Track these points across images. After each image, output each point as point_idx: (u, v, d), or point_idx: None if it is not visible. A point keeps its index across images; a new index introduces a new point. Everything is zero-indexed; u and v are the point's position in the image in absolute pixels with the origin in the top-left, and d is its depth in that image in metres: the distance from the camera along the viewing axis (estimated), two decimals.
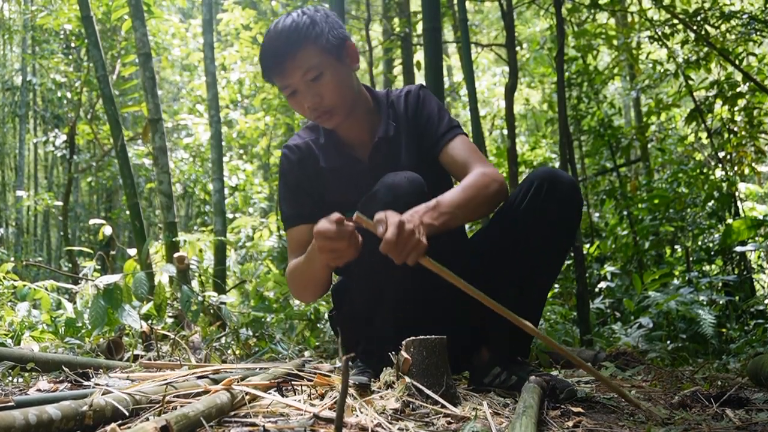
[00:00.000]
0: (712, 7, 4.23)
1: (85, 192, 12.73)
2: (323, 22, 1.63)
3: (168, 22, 7.68)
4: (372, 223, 1.35)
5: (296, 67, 1.60)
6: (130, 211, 3.69)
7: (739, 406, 1.35)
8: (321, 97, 1.63)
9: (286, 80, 1.63)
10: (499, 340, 1.67)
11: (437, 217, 1.45)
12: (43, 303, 2.89)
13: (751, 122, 4.63)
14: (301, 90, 1.63)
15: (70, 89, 7.52)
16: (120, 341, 2.42)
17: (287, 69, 1.61)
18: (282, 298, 3.94)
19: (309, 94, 1.62)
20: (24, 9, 8.05)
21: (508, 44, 3.98)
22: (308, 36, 1.60)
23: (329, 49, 1.62)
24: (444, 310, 1.76)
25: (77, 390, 1.40)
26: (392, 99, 1.80)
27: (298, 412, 1.11)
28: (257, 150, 8.17)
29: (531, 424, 0.99)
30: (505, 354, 1.65)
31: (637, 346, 2.68)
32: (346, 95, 1.66)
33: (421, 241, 1.34)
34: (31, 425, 0.89)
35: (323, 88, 1.62)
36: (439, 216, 1.45)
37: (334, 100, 1.64)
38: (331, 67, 1.62)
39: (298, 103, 1.67)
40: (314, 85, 1.62)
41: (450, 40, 7.80)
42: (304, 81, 1.62)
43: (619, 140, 5.37)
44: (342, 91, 1.64)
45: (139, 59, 3.87)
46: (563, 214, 1.59)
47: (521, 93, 9.43)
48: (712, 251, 4.43)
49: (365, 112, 1.75)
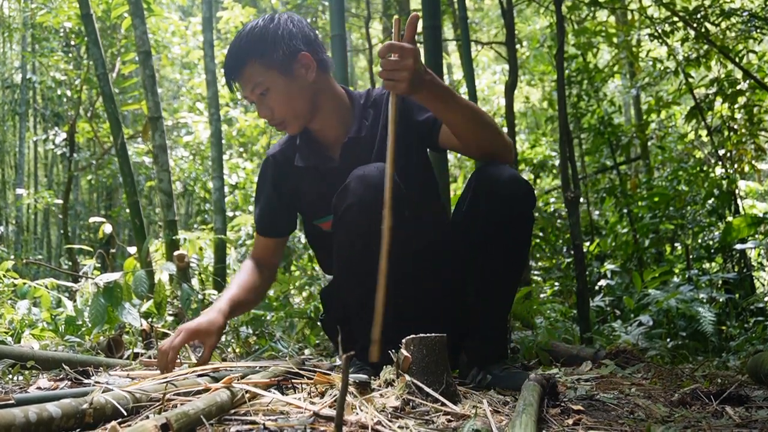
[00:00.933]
0: (713, 4, 4.23)
1: (85, 190, 12.72)
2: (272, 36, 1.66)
3: (168, 20, 7.66)
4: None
5: (244, 82, 1.70)
6: (130, 209, 3.69)
7: (739, 403, 1.35)
8: (271, 110, 1.71)
9: (241, 92, 1.74)
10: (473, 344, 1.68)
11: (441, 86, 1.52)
12: (43, 301, 2.89)
13: (751, 120, 4.63)
14: (255, 102, 1.72)
15: (70, 87, 7.51)
16: (120, 339, 2.42)
17: (239, 83, 1.72)
18: (282, 296, 3.94)
19: (261, 107, 1.72)
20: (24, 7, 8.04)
21: (508, 42, 3.98)
22: (251, 53, 1.66)
23: (275, 66, 1.67)
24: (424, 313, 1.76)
25: (77, 388, 1.40)
26: (374, 98, 1.81)
27: (299, 410, 1.11)
28: (257, 148, 8.16)
29: (531, 422, 0.99)
30: (480, 357, 1.65)
31: (637, 343, 2.68)
32: (297, 107, 1.71)
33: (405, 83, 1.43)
34: (31, 423, 0.89)
35: (272, 102, 1.70)
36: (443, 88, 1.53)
37: (283, 114, 1.71)
38: (278, 83, 1.68)
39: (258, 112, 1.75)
40: (263, 98, 1.70)
41: (450, 37, 7.79)
42: (254, 95, 1.70)
43: (619, 138, 5.36)
44: (291, 104, 1.70)
45: (139, 57, 3.86)
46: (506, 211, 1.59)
47: (521, 91, 9.41)
48: (712, 249, 4.43)
49: (338, 113, 1.78)
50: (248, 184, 7.83)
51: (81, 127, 7.29)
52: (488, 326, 1.68)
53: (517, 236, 1.65)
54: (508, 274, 1.69)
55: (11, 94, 10.94)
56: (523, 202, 1.61)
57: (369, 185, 1.53)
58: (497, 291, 1.67)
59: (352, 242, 1.57)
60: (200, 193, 8.49)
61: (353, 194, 1.54)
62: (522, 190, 1.60)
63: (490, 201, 1.59)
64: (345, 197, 1.56)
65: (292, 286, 4.03)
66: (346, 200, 1.55)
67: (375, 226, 1.52)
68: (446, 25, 6.75)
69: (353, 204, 1.53)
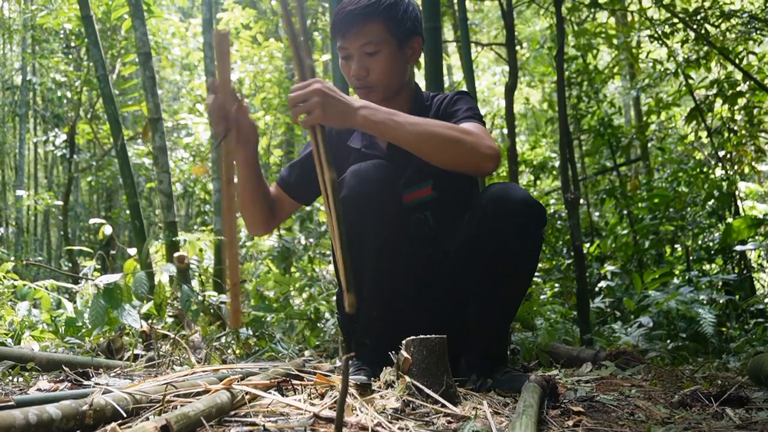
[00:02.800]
0: (712, 6, 4.23)
1: (85, 191, 12.72)
2: (404, 9, 1.71)
3: (168, 22, 7.67)
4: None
5: (360, 35, 1.68)
6: (130, 211, 3.69)
7: (739, 405, 1.35)
8: (368, 71, 1.70)
9: (346, 42, 1.70)
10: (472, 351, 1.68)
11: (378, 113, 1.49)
12: (43, 302, 2.89)
13: (751, 121, 4.63)
14: (355, 57, 1.70)
15: (70, 88, 7.52)
16: (120, 341, 2.42)
17: (351, 34, 1.68)
18: (282, 298, 3.94)
19: (359, 65, 1.70)
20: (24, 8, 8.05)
21: (508, 43, 3.98)
22: (383, 13, 1.68)
23: (396, 34, 1.70)
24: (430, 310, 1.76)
25: (77, 389, 1.40)
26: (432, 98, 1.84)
27: (299, 411, 1.11)
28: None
29: (531, 424, 0.99)
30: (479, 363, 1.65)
31: (637, 345, 2.68)
32: (391, 80, 1.72)
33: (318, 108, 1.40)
34: (31, 425, 0.89)
35: (374, 64, 1.70)
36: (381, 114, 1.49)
37: (379, 79, 1.71)
38: (390, 50, 1.70)
39: (346, 68, 1.73)
40: (368, 58, 1.69)
41: (450, 39, 7.79)
42: (361, 51, 1.69)
43: (619, 139, 5.36)
44: (389, 74, 1.71)
45: (139, 58, 3.86)
46: (516, 234, 1.56)
47: (521, 92, 9.42)
48: (712, 250, 4.43)
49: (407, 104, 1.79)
50: None
51: (81, 128, 7.29)
52: (489, 341, 1.68)
53: (525, 259, 1.63)
54: (513, 295, 1.68)
55: (11, 96, 10.94)
56: (534, 225, 1.58)
57: (363, 179, 1.55)
58: (501, 308, 1.67)
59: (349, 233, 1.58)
60: (200, 195, 8.49)
61: (348, 187, 1.56)
62: (534, 214, 1.57)
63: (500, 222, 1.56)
64: (340, 190, 1.57)
65: (292, 288, 4.03)
66: (341, 193, 1.56)
67: (369, 219, 1.54)
68: (446, 27, 6.76)
69: (347, 197, 1.55)
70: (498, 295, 1.64)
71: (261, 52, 7.15)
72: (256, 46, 7.28)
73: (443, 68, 3.41)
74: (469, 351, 1.69)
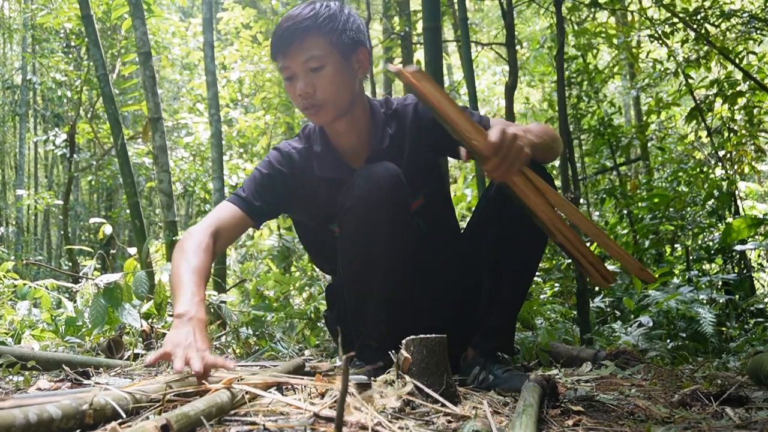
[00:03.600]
0: (712, 5, 4.23)
1: (86, 191, 12.73)
2: (344, 20, 1.63)
3: (168, 21, 7.67)
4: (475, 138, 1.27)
5: (301, 51, 1.60)
6: (131, 210, 3.69)
7: (739, 404, 1.35)
8: (315, 88, 1.61)
9: (288, 61, 1.62)
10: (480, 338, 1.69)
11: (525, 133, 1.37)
12: (44, 302, 2.89)
13: (751, 121, 4.63)
14: (299, 76, 1.62)
15: (70, 88, 7.52)
16: (120, 340, 2.42)
17: (292, 51, 1.61)
18: (282, 297, 3.94)
19: (304, 82, 1.61)
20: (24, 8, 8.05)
21: (508, 43, 3.97)
22: (322, 26, 1.60)
23: (339, 46, 1.62)
24: (435, 312, 1.78)
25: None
26: (396, 108, 1.77)
27: (299, 410, 1.11)
28: (257, 149, 8.17)
29: (531, 423, 0.99)
30: (486, 352, 1.66)
31: (637, 344, 2.68)
32: (340, 95, 1.64)
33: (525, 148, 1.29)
34: (31, 424, 0.89)
35: (320, 80, 1.61)
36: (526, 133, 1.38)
37: (327, 96, 1.62)
38: (334, 64, 1.61)
39: (292, 89, 1.65)
40: (312, 74, 1.61)
41: (450, 38, 7.79)
42: (304, 68, 1.61)
43: (619, 139, 5.36)
44: (338, 90, 1.63)
45: (139, 58, 3.86)
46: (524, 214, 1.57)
47: (521, 92, 9.41)
48: (712, 250, 4.43)
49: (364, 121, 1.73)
50: None
51: (81, 128, 7.29)
52: (499, 322, 1.70)
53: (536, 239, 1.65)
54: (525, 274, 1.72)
55: (11, 95, 10.94)
56: None
57: (375, 183, 1.54)
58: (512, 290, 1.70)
59: (356, 239, 1.58)
60: (200, 194, 8.49)
61: (359, 191, 1.54)
62: None
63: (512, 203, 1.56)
64: (351, 194, 1.56)
65: (292, 287, 4.03)
66: (352, 197, 1.55)
67: (379, 223, 1.53)
68: (446, 26, 6.76)
69: (359, 201, 1.54)
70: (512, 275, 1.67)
71: (261, 52, 7.15)
72: (256, 45, 7.28)
73: (443, 68, 3.41)
74: (478, 338, 1.70)
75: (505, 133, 1.28)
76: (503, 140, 1.27)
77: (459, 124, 1.28)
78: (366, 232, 1.54)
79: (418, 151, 1.75)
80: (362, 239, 1.56)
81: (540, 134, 1.49)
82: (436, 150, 1.78)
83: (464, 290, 1.80)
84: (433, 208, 1.79)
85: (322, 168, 1.72)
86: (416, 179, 1.68)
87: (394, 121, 1.75)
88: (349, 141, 1.74)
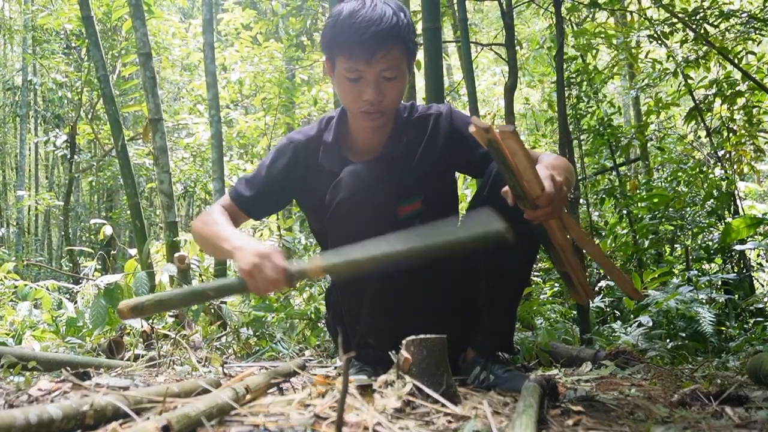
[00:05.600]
0: (711, 5, 4.23)
1: (86, 192, 12.73)
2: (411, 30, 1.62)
3: (168, 22, 7.68)
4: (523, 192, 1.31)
5: (384, 60, 1.56)
6: (131, 211, 3.70)
7: (738, 404, 1.36)
8: (384, 96, 1.59)
9: (364, 66, 1.56)
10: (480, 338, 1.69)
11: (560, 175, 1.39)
12: (44, 302, 2.90)
13: (751, 121, 4.64)
14: (370, 81, 1.58)
15: (70, 89, 7.53)
16: (121, 341, 2.42)
17: (374, 59, 1.54)
18: (282, 298, 3.94)
19: (376, 90, 1.58)
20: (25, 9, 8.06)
21: (508, 43, 3.98)
22: (405, 38, 1.58)
23: (409, 59, 1.63)
24: (432, 312, 1.78)
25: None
26: (419, 115, 1.77)
27: (299, 411, 1.11)
28: (257, 150, 8.17)
29: (531, 423, 0.99)
30: (486, 352, 1.66)
31: (637, 344, 2.69)
32: (399, 102, 1.67)
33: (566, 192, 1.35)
34: (31, 425, 0.90)
35: (391, 89, 1.60)
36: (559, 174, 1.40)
37: (392, 105, 1.63)
38: (403, 74, 1.62)
39: (356, 91, 1.60)
40: (385, 83, 1.59)
41: (450, 39, 7.80)
42: (380, 76, 1.57)
43: (619, 139, 5.36)
44: (400, 98, 1.65)
45: (139, 59, 3.87)
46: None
47: (521, 92, 9.42)
48: (712, 250, 4.43)
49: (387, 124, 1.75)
50: None
51: (82, 128, 7.30)
52: (499, 323, 1.70)
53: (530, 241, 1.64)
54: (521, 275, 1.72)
55: (12, 96, 10.95)
56: None
57: (360, 180, 1.55)
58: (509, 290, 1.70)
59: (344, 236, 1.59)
60: (201, 195, 8.50)
61: (345, 189, 1.55)
62: None
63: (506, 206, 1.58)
64: (337, 192, 1.57)
65: (293, 288, 4.03)
66: (338, 195, 1.57)
67: (365, 221, 1.54)
68: (446, 27, 6.76)
69: (345, 198, 1.55)
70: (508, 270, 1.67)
71: (261, 53, 7.16)
72: (256, 46, 7.29)
73: (443, 68, 3.41)
74: (478, 337, 1.71)
75: (556, 181, 1.32)
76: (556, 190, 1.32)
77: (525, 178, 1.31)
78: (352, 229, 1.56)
79: (428, 161, 1.75)
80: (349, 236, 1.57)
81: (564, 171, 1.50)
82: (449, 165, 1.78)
83: (462, 292, 1.80)
84: (432, 213, 1.79)
85: (325, 158, 1.73)
86: (416, 184, 1.70)
87: (414, 128, 1.75)
88: (370, 140, 1.74)
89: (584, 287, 1.54)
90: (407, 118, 1.76)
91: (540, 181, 1.32)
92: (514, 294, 1.73)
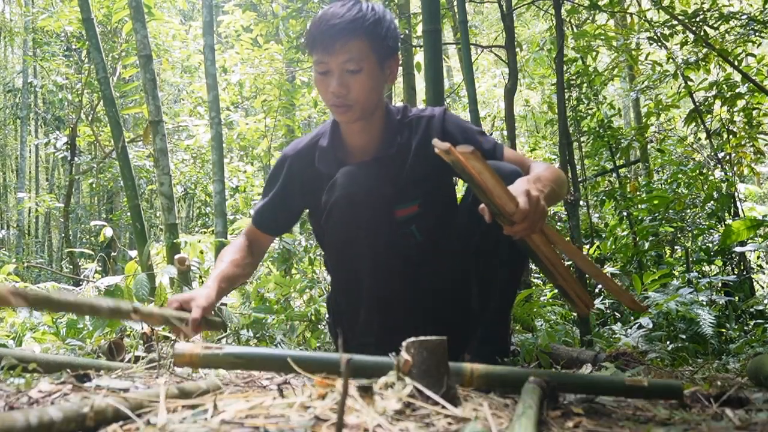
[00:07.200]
0: (711, 8, 4.24)
1: (86, 194, 12.74)
2: (387, 26, 1.64)
3: (169, 24, 7.69)
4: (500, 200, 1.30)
5: (343, 51, 1.60)
6: (131, 213, 3.70)
7: (738, 406, 1.36)
8: (348, 89, 1.62)
9: (327, 58, 1.61)
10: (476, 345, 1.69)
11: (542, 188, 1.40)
12: None
13: (750, 123, 4.64)
14: (335, 74, 1.62)
15: (71, 91, 7.54)
16: (121, 343, 2.42)
17: (335, 49, 1.60)
18: (283, 300, 3.94)
19: (339, 82, 1.62)
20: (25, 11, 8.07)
21: (508, 45, 3.98)
22: (368, 30, 1.61)
23: (378, 52, 1.64)
24: (427, 317, 1.78)
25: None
26: (411, 118, 1.79)
27: (299, 413, 1.11)
28: (258, 152, 8.18)
29: (531, 425, 0.99)
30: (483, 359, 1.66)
31: (637, 346, 2.69)
32: (370, 99, 1.67)
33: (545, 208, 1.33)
34: (32, 427, 0.90)
35: (355, 82, 1.62)
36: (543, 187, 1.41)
37: (358, 98, 1.64)
38: (371, 68, 1.63)
39: (324, 84, 1.65)
40: (348, 75, 1.62)
41: (450, 41, 7.80)
42: (342, 68, 1.61)
43: (619, 141, 5.37)
44: (369, 94, 1.65)
45: (139, 61, 3.87)
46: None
47: (521, 94, 9.43)
48: (712, 252, 4.44)
49: (378, 126, 1.75)
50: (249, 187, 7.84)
51: (82, 130, 7.31)
52: (492, 329, 1.70)
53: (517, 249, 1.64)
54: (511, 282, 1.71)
55: (12, 98, 10.97)
56: None
57: (356, 181, 1.56)
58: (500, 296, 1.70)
59: (339, 237, 1.60)
60: (201, 197, 8.50)
61: (340, 189, 1.57)
62: None
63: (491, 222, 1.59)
64: (332, 193, 1.59)
65: (293, 289, 4.03)
66: (334, 196, 1.58)
67: (361, 220, 1.54)
68: (446, 29, 6.77)
69: (340, 199, 1.55)
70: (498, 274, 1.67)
71: (261, 55, 7.17)
72: (256, 48, 7.30)
73: (443, 70, 3.42)
74: (473, 344, 1.71)
75: (531, 197, 1.31)
76: (531, 206, 1.30)
77: (495, 195, 1.30)
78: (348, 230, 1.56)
79: (422, 163, 1.75)
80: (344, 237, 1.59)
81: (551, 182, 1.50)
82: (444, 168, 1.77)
83: (460, 297, 1.80)
84: (429, 216, 1.79)
85: (321, 161, 1.76)
86: (412, 187, 1.71)
87: (407, 129, 1.77)
88: (361, 141, 1.76)
89: (582, 298, 1.51)
90: (400, 120, 1.77)
91: (513, 198, 1.32)
92: (504, 303, 1.73)
